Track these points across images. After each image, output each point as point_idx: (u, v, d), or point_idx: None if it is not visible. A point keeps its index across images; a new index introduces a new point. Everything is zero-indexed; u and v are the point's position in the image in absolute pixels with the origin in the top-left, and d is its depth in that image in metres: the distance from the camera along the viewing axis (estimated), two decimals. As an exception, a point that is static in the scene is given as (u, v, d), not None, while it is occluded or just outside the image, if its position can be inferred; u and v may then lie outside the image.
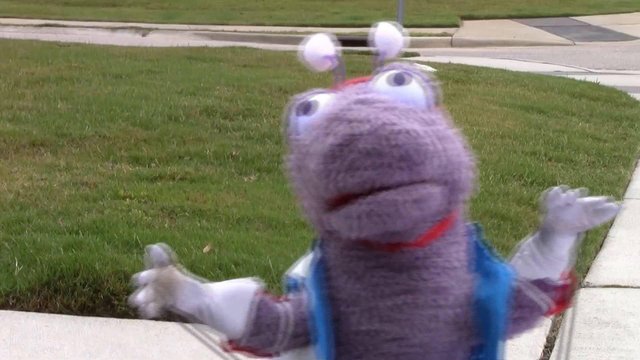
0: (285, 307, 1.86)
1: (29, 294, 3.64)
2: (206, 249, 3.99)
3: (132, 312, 3.61)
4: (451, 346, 1.79)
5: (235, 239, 4.12)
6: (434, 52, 14.43)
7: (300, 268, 1.92)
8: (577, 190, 1.82)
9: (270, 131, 6.28)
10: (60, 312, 3.60)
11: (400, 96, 1.73)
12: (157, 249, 1.80)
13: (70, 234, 4.11)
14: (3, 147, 5.66)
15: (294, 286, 1.90)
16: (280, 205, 4.74)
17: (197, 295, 1.83)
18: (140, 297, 1.82)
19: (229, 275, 3.71)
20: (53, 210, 4.44)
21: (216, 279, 3.68)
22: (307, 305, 1.83)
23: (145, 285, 1.83)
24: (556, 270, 1.82)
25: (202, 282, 1.85)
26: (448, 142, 1.71)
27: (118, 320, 3.56)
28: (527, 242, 1.84)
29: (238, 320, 1.83)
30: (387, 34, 1.88)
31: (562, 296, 1.86)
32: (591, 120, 7.70)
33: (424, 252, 1.75)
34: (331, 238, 1.78)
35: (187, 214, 4.49)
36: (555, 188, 1.82)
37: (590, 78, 10.16)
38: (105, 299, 3.64)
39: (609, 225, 4.96)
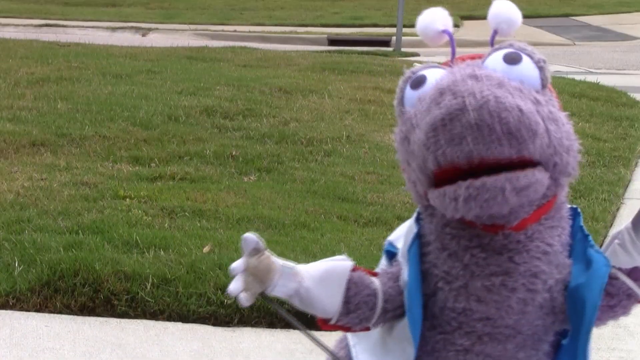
0: (381, 280, 1.88)
1: (29, 294, 3.64)
2: (206, 249, 3.99)
3: (132, 312, 3.61)
4: (539, 329, 1.81)
5: (235, 239, 4.12)
6: (434, 52, 14.42)
7: (400, 235, 1.94)
8: None
9: (270, 131, 6.28)
10: (60, 312, 3.60)
11: (513, 75, 1.73)
12: (252, 237, 1.82)
13: (70, 234, 4.11)
14: (3, 147, 5.67)
15: (392, 255, 1.94)
16: (280, 205, 4.74)
17: (290, 280, 1.84)
18: (233, 286, 1.83)
19: (229, 275, 3.71)
20: (53, 210, 4.44)
21: (216, 279, 3.69)
22: (402, 279, 1.86)
23: (238, 274, 1.83)
24: None
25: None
26: (558, 124, 1.71)
27: (118, 320, 3.56)
28: (622, 230, 1.83)
29: (334, 300, 1.85)
30: (502, 11, 1.87)
31: None
32: (591, 120, 7.70)
33: (524, 235, 1.76)
34: (431, 213, 1.81)
35: (187, 214, 4.49)
36: None
37: (590, 78, 10.16)
38: (105, 299, 3.64)
39: (609, 225, 4.96)
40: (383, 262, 1.99)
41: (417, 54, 13.75)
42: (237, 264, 1.80)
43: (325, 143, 6.15)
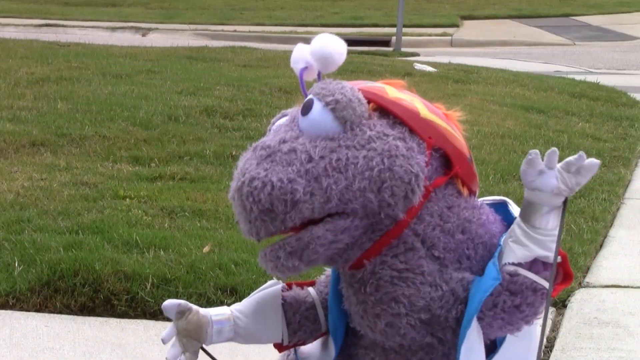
0: (318, 289, 1.93)
1: (29, 294, 3.64)
2: (206, 249, 3.99)
3: (132, 312, 3.61)
4: (434, 340, 1.80)
5: (235, 239, 4.12)
6: (434, 52, 14.43)
7: None
8: (550, 152, 1.77)
9: (270, 131, 6.27)
10: (60, 312, 3.60)
11: (305, 126, 1.74)
12: (171, 303, 1.84)
13: (70, 234, 4.11)
14: (3, 147, 5.66)
15: None
16: (280, 205, 4.73)
17: (224, 326, 1.87)
18: (171, 354, 1.86)
19: (228, 275, 3.72)
20: (53, 210, 4.44)
21: (216, 278, 3.69)
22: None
23: (173, 339, 1.85)
24: (548, 246, 1.77)
25: (227, 304, 1.88)
26: (345, 171, 1.68)
27: (118, 320, 3.56)
28: (512, 227, 1.81)
29: (275, 328, 1.89)
30: (316, 48, 1.84)
31: (564, 272, 1.82)
32: (591, 120, 7.70)
33: (364, 271, 1.77)
34: None
35: (187, 214, 4.49)
36: (526, 157, 1.77)
37: (590, 78, 10.15)
38: (105, 299, 3.64)
39: (609, 225, 4.96)
40: None
41: (417, 54, 13.75)
42: (166, 333, 1.84)
43: (325, 143, 6.15)
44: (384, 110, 1.78)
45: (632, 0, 20.47)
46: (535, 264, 1.77)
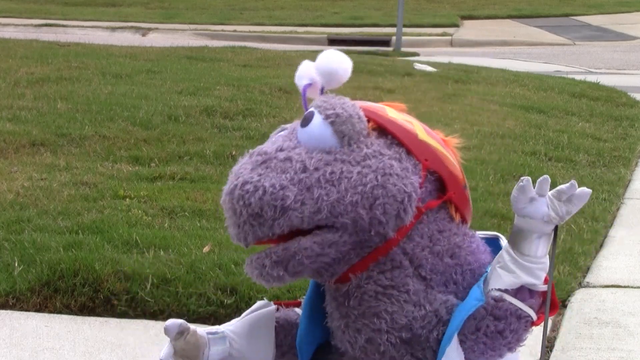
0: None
1: (28, 294, 3.64)
2: (206, 249, 3.99)
3: (132, 312, 3.61)
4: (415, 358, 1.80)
5: (235, 238, 4.12)
6: (434, 52, 14.43)
7: None
8: (542, 179, 1.76)
9: (270, 131, 6.23)
10: (60, 312, 3.60)
11: (304, 138, 1.75)
12: (173, 323, 1.83)
13: (70, 233, 4.11)
14: (3, 147, 5.66)
15: None
16: (280, 205, 4.73)
17: (220, 347, 1.87)
18: None
19: (228, 275, 3.71)
20: (53, 210, 4.44)
21: (216, 278, 3.69)
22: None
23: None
24: (536, 274, 1.77)
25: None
26: (339, 185, 1.69)
27: (118, 320, 3.56)
28: (500, 253, 1.81)
29: (267, 350, 1.89)
30: (325, 64, 1.83)
31: (551, 299, 1.82)
32: (591, 120, 7.70)
33: (350, 284, 1.77)
34: None
35: (187, 214, 4.49)
36: (517, 184, 1.76)
37: (590, 78, 10.15)
38: (105, 299, 3.64)
39: (609, 225, 4.96)
40: None
41: (417, 54, 13.75)
42: (165, 353, 1.83)
43: (325, 143, 6.15)
44: (382, 129, 1.79)
45: (632, 0, 20.47)
46: (521, 291, 1.77)
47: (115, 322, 3.54)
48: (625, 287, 4.07)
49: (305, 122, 1.75)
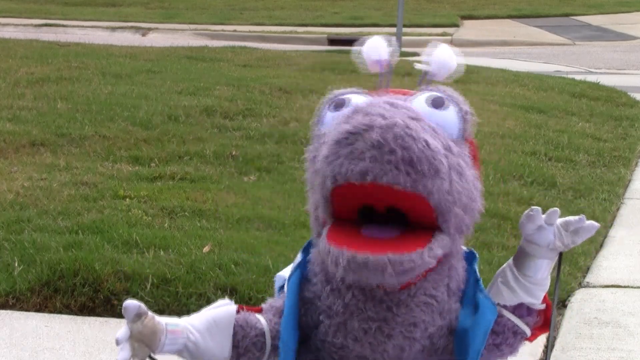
0: (267, 317, 1.86)
1: (28, 294, 3.64)
2: (206, 249, 3.99)
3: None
4: None
5: (235, 239, 4.12)
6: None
7: (289, 269, 1.92)
8: (551, 210, 1.80)
9: (270, 131, 6.28)
10: (60, 312, 3.60)
11: (435, 119, 1.69)
12: (133, 303, 1.76)
13: (70, 233, 4.11)
14: (3, 147, 5.66)
15: (281, 288, 1.92)
16: (280, 205, 4.73)
17: (177, 337, 1.81)
18: (121, 356, 1.79)
19: (228, 275, 3.71)
20: (53, 210, 4.44)
21: (216, 278, 3.69)
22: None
23: (124, 342, 1.76)
24: (536, 294, 1.83)
25: (180, 316, 1.86)
26: (462, 178, 1.67)
27: (118, 320, 3.56)
28: (504, 268, 1.85)
29: (223, 348, 1.83)
30: (444, 57, 1.85)
31: (545, 319, 1.86)
32: (591, 120, 7.70)
33: (407, 293, 1.74)
34: None
35: (187, 214, 4.49)
36: (527, 212, 1.79)
37: (590, 78, 10.15)
38: (105, 299, 3.64)
39: (609, 225, 4.96)
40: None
41: (417, 54, 13.74)
42: (121, 333, 1.78)
43: (325, 143, 6.14)
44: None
45: (632, 0, 20.47)
46: (519, 308, 1.82)
47: (115, 322, 3.54)
48: (625, 287, 4.07)
49: (438, 105, 1.72)
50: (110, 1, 20.47)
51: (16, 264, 3.77)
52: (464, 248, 1.89)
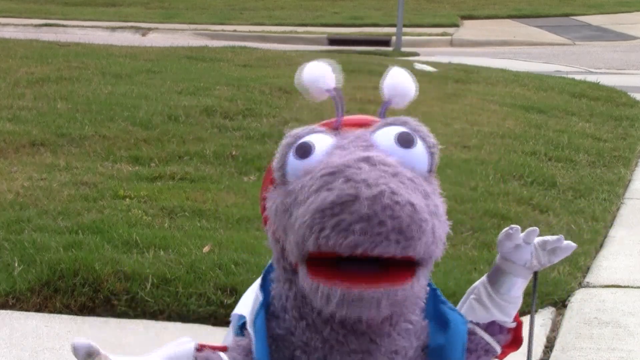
0: (231, 355, 1.78)
1: (28, 294, 3.64)
2: (206, 249, 3.99)
3: (132, 312, 3.61)
4: None
5: (235, 239, 4.12)
6: (434, 51, 14.42)
7: (249, 304, 1.83)
8: (530, 230, 1.79)
9: (270, 131, 6.28)
10: (60, 312, 3.60)
11: (407, 160, 1.63)
12: (82, 343, 1.69)
13: (70, 233, 4.11)
14: (3, 147, 5.66)
15: (242, 326, 1.82)
16: (280, 205, 4.73)
17: None
18: None
19: (228, 275, 3.71)
20: (53, 210, 4.44)
21: (216, 278, 3.69)
22: (253, 351, 1.75)
23: None
24: (509, 312, 1.82)
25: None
26: (440, 219, 1.63)
27: (118, 320, 3.56)
28: (477, 285, 1.84)
29: None
30: (397, 81, 1.79)
31: (515, 337, 1.85)
32: (591, 120, 7.70)
33: (388, 323, 1.71)
34: (291, 280, 1.71)
35: (187, 214, 4.49)
36: (506, 230, 1.79)
37: (590, 78, 10.15)
38: (105, 298, 3.64)
39: (609, 225, 4.96)
40: (230, 336, 1.88)
41: (417, 54, 13.75)
42: None
43: (325, 143, 6.15)
44: None
45: (632, 0, 20.47)
46: (491, 326, 1.81)
47: (115, 322, 3.54)
48: (625, 287, 4.07)
49: (407, 143, 1.65)
50: (110, 1, 20.47)
51: (16, 264, 3.77)
52: None
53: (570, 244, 1.81)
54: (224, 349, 1.80)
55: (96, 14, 18.62)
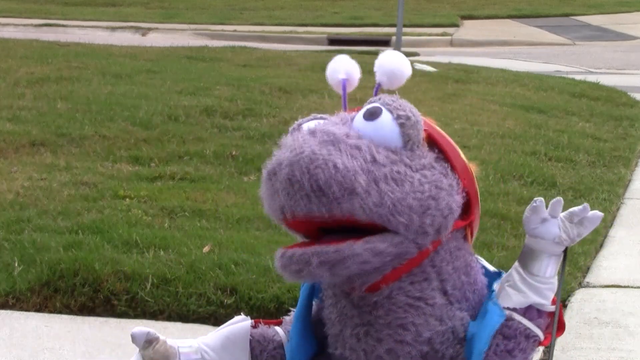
0: (286, 328, 1.88)
1: (28, 294, 3.64)
2: (206, 249, 3.99)
3: (132, 312, 3.61)
4: None
5: (235, 239, 4.12)
6: (434, 51, 14.42)
7: None
8: (555, 201, 1.79)
9: (270, 131, 6.27)
10: (60, 312, 3.60)
11: (367, 131, 1.71)
12: (140, 331, 1.77)
13: (70, 233, 4.11)
14: (3, 147, 5.66)
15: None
16: (280, 205, 4.73)
17: (191, 359, 1.81)
18: None
19: (228, 275, 3.71)
20: (53, 210, 4.44)
21: (216, 278, 3.69)
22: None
23: None
24: (545, 294, 1.79)
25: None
26: (402, 184, 1.67)
27: (118, 320, 3.56)
28: (510, 272, 1.82)
29: None
30: (385, 63, 1.84)
31: (558, 322, 1.84)
32: (591, 120, 7.70)
33: (381, 293, 1.74)
34: None
35: (187, 214, 4.49)
36: (531, 204, 1.78)
37: (590, 78, 10.15)
38: (105, 299, 3.64)
39: (609, 225, 4.96)
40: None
41: (417, 54, 13.74)
42: None
43: (325, 143, 6.14)
44: (431, 143, 1.80)
45: (632, 0, 20.47)
46: (529, 311, 1.79)
47: (115, 322, 3.54)
48: (625, 287, 4.07)
49: (372, 116, 1.73)
50: (110, 1, 20.47)
51: (16, 264, 3.77)
52: (493, 269, 1.88)
53: (596, 213, 1.82)
54: (278, 322, 1.89)
55: (96, 14, 18.62)
